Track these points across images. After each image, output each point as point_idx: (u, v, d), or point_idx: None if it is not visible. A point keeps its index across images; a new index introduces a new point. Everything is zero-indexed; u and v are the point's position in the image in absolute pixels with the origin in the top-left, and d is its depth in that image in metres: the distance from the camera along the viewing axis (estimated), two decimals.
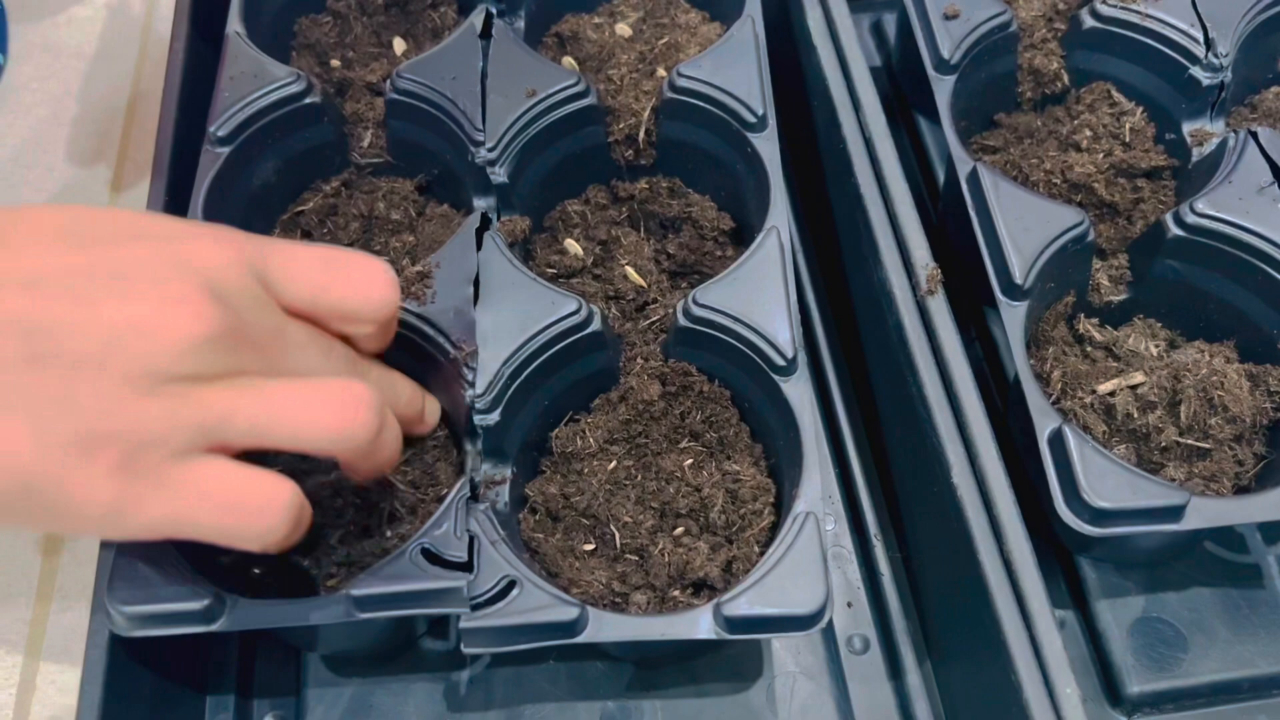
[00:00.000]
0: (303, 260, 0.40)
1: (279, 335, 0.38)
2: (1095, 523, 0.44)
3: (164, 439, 0.34)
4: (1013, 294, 0.50)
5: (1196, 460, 0.49)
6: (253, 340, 0.37)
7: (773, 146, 0.54)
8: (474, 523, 0.43)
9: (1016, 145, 0.60)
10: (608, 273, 0.56)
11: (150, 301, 0.35)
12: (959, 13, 0.58)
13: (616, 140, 0.58)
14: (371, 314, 0.41)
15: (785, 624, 0.42)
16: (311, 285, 0.40)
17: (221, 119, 0.53)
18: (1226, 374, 0.50)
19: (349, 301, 0.40)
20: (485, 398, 0.46)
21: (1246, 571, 0.51)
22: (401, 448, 0.42)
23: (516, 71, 0.55)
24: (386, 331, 0.44)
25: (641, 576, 0.46)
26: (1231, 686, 0.49)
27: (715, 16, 0.64)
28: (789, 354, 0.47)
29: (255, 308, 0.37)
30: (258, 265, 0.38)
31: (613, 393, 0.51)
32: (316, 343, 0.40)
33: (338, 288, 0.40)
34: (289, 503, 0.37)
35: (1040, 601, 0.44)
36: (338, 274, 0.40)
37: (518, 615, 0.41)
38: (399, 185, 0.57)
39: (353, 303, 0.41)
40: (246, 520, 0.36)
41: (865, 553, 0.55)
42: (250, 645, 0.50)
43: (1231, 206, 0.51)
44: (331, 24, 0.62)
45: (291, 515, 0.37)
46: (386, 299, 0.41)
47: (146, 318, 0.34)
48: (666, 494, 0.48)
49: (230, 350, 0.36)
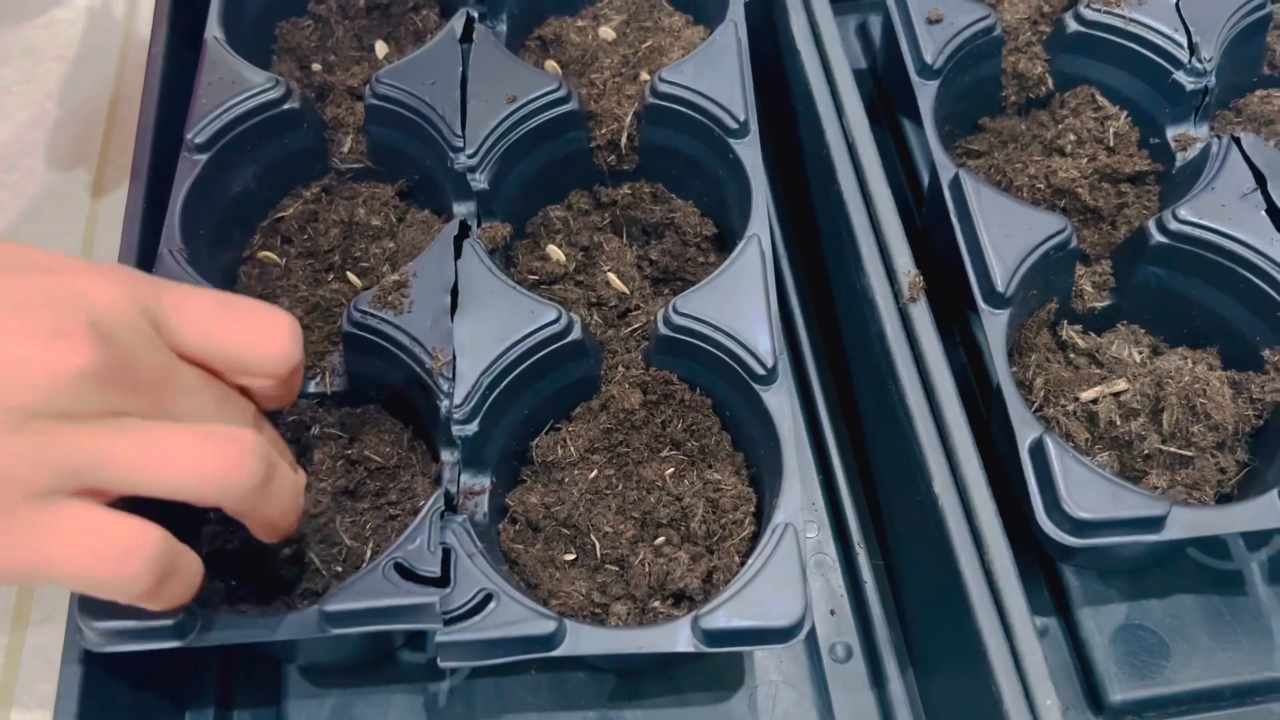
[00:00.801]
0: (198, 305, 0.38)
1: (167, 378, 0.36)
2: (1076, 533, 0.44)
3: (24, 479, 0.32)
4: (994, 302, 0.50)
5: (1179, 468, 0.49)
6: (137, 381, 0.35)
7: (755, 153, 0.54)
8: (451, 535, 0.43)
9: (1001, 150, 0.60)
10: (590, 279, 0.55)
11: (25, 334, 0.33)
12: (942, 17, 0.58)
13: (599, 145, 0.57)
14: (267, 368, 0.39)
15: (764, 636, 0.41)
16: (204, 331, 0.38)
17: (199, 126, 0.52)
18: (1209, 381, 0.50)
19: (242, 352, 0.38)
20: (464, 408, 0.46)
21: (1229, 578, 0.51)
22: (297, 499, 0.39)
23: (497, 76, 0.55)
24: (288, 387, 0.41)
25: (622, 587, 0.46)
26: (1214, 694, 0.49)
27: (699, 20, 0.63)
28: (769, 363, 0.47)
29: (142, 348, 0.35)
30: (150, 305, 0.36)
31: (594, 401, 0.51)
32: (210, 390, 0.38)
33: (231, 337, 0.38)
34: (152, 554, 0.34)
35: (1021, 612, 0.44)
36: (234, 322, 0.38)
37: (495, 629, 0.41)
38: (379, 191, 0.57)
39: (247, 354, 0.38)
40: (105, 570, 0.34)
41: (848, 560, 0.55)
42: (230, 657, 0.50)
43: (1214, 213, 0.51)
44: (312, 28, 0.62)
45: (155, 566, 0.34)
46: (284, 353, 0.39)
47: (18, 350, 0.32)
48: (647, 503, 0.48)
49: (110, 389, 0.34)
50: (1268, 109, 0.58)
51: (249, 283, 0.54)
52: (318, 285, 0.53)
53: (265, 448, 0.36)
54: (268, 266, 0.54)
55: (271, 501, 0.37)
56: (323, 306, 0.52)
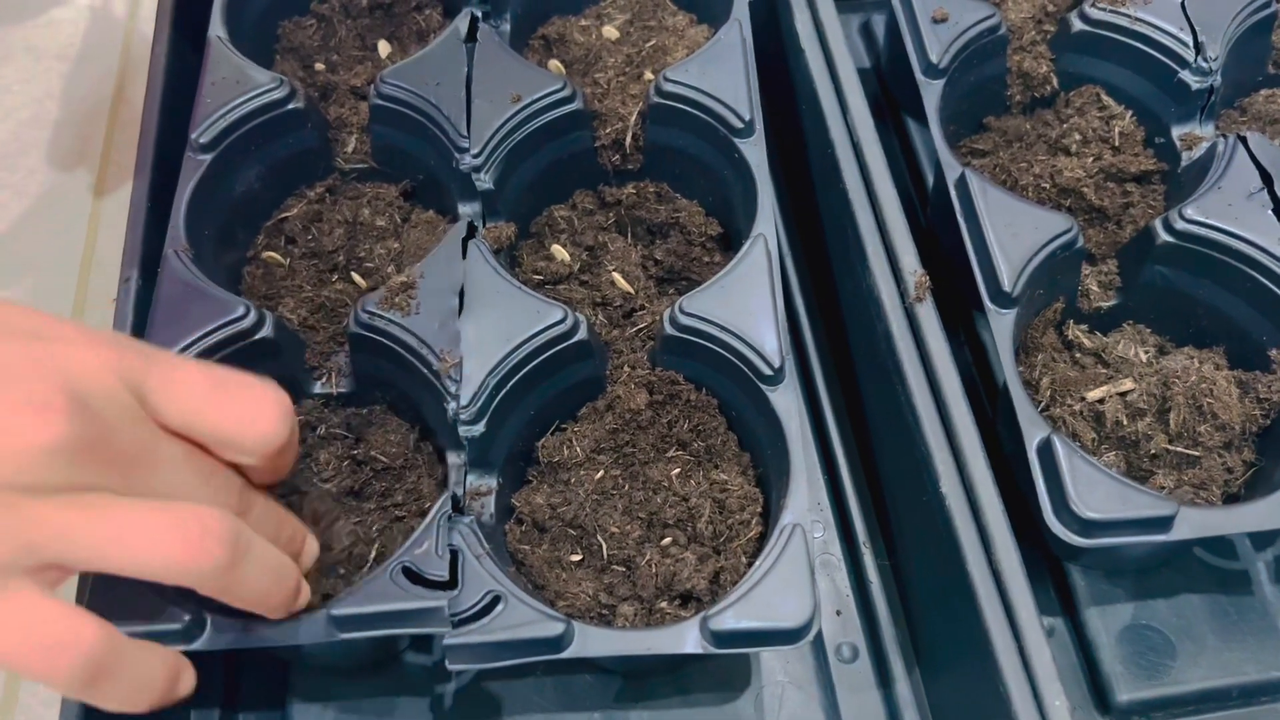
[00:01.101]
0: (186, 380, 0.36)
1: (146, 453, 0.35)
2: (1084, 534, 0.44)
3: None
4: (1001, 302, 0.50)
5: (1186, 468, 0.49)
6: (114, 455, 0.33)
7: (760, 152, 0.54)
8: (458, 536, 0.43)
9: (1006, 149, 0.60)
10: (595, 279, 0.55)
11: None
12: (947, 16, 0.58)
13: (603, 145, 0.57)
14: (253, 447, 0.37)
15: (772, 638, 0.41)
16: (191, 409, 0.36)
17: (203, 126, 0.52)
18: (1216, 381, 0.50)
19: (228, 431, 0.37)
20: (470, 409, 0.46)
21: (1235, 578, 0.51)
22: (282, 579, 0.38)
23: (502, 76, 0.55)
24: (277, 465, 0.39)
25: (629, 588, 0.46)
26: (1221, 694, 0.49)
27: (703, 19, 0.63)
28: (776, 363, 0.47)
29: (123, 421, 0.34)
30: (135, 377, 0.35)
31: (599, 401, 0.51)
32: (193, 465, 0.36)
33: (218, 415, 0.36)
34: (82, 655, 0.33)
35: (1029, 612, 0.44)
36: (222, 400, 0.37)
37: (502, 631, 0.41)
38: (384, 191, 0.56)
39: (233, 433, 0.37)
40: (33, 663, 0.33)
41: (854, 560, 0.55)
42: (236, 658, 0.50)
43: (1220, 212, 0.51)
44: (315, 27, 0.61)
45: (84, 668, 0.33)
46: (271, 433, 0.37)
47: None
48: (654, 504, 0.48)
49: (84, 463, 0.32)
50: (1273, 108, 0.58)
51: (253, 283, 0.54)
52: (322, 285, 0.53)
53: (234, 531, 0.35)
54: (272, 267, 0.54)
55: (243, 584, 0.36)
56: (327, 307, 0.52)
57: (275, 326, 0.48)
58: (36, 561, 0.32)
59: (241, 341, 0.47)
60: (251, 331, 0.47)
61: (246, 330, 0.47)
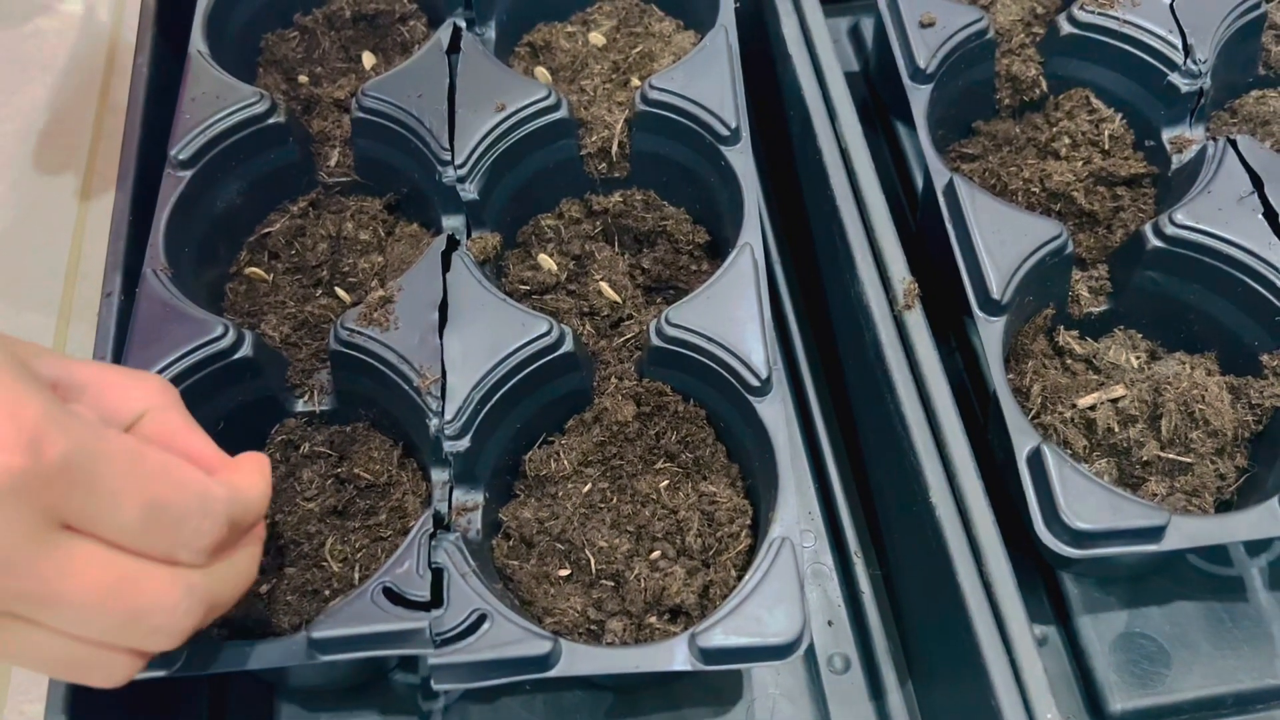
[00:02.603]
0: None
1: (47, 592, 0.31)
2: (1075, 544, 0.44)
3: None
4: (990, 309, 0.49)
5: (1178, 474, 0.49)
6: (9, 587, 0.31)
7: (746, 160, 0.53)
8: (443, 554, 0.43)
9: (995, 153, 0.59)
10: (582, 288, 0.55)
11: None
12: (934, 20, 0.57)
13: (590, 153, 0.57)
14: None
15: (761, 654, 0.41)
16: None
17: (183, 142, 0.52)
18: (1208, 387, 0.49)
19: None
20: (455, 423, 0.45)
21: (1229, 584, 0.51)
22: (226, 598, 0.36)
23: (486, 85, 0.55)
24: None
25: (617, 603, 0.46)
26: (1215, 702, 0.49)
27: (689, 25, 0.63)
28: (763, 374, 0.47)
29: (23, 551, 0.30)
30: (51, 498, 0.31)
31: (586, 413, 0.50)
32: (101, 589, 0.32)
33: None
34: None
35: (1020, 624, 0.43)
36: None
37: (489, 650, 0.40)
38: (367, 204, 0.56)
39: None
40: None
41: (845, 570, 0.54)
42: (221, 681, 0.50)
43: (1211, 217, 0.51)
44: (299, 39, 0.61)
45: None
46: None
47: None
48: (642, 517, 0.48)
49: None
50: (1263, 110, 0.57)
51: (236, 299, 0.53)
52: (305, 301, 0.53)
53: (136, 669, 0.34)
54: (255, 283, 0.54)
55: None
56: (310, 323, 0.51)
57: (255, 345, 0.47)
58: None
59: (220, 362, 0.46)
60: (230, 351, 0.46)
61: (225, 350, 0.46)
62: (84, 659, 0.33)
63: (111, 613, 0.32)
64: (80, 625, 0.32)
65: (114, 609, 0.32)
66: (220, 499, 0.35)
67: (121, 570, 0.32)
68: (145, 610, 0.33)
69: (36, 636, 0.32)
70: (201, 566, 0.35)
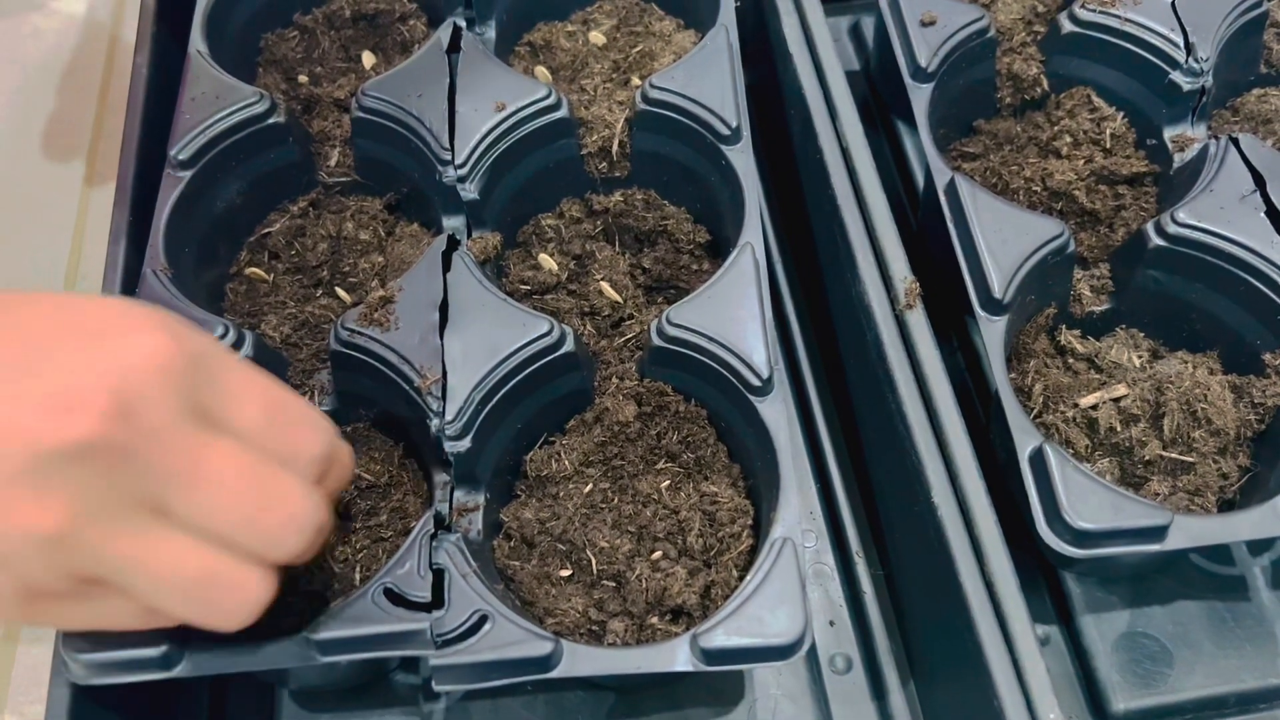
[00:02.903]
0: (246, 396, 0.35)
1: (190, 468, 0.33)
2: (1078, 544, 0.44)
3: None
4: (992, 309, 0.49)
5: (1181, 474, 0.49)
6: (153, 466, 0.32)
7: (747, 159, 0.53)
8: (444, 555, 0.43)
9: (996, 152, 0.59)
10: (583, 288, 0.55)
11: (27, 398, 0.31)
12: (935, 19, 0.57)
13: (590, 153, 0.57)
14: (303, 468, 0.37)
15: (763, 654, 0.41)
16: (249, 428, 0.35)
17: (182, 142, 0.51)
18: (1210, 386, 0.49)
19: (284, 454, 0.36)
20: (455, 424, 0.45)
21: (1232, 584, 0.51)
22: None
23: (486, 85, 0.54)
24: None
25: (619, 603, 0.46)
26: (1218, 702, 0.49)
27: (690, 24, 0.63)
28: (764, 374, 0.46)
29: (171, 430, 0.32)
30: (195, 381, 0.33)
31: (588, 413, 0.50)
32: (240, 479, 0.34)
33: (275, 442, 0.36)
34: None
35: (1023, 624, 0.43)
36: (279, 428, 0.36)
37: (490, 651, 0.40)
38: (368, 204, 0.56)
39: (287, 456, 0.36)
40: None
41: (847, 570, 0.54)
42: (222, 682, 0.49)
43: (1213, 216, 0.50)
44: (298, 39, 0.61)
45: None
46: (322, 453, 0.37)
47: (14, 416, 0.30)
48: (643, 517, 0.47)
49: (118, 469, 0.31)
50: (1265, 108, 0.57)
51: (236, 299, 0.53)
52: (306, 301, 0.53)
53: (263, 596, 0.35)
54: (255, 283, 0.54)
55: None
56: (311, 323, 0.51)
57: (255, 346, 0.47)
58: (70, 577, 0.32)
59: None
60: None
61: None
62: (217, 573, 0.34)
63: (246, 501, 0.34)
64: (217, 515, 0.33)
65: (248, 496, 0.34)
66: (328, 422, 0.38)
67: (254, 460, 0.34)
68: (277, 500, 0.35)
69: (174, 543, 0.33)
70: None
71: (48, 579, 0.32)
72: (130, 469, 0.32)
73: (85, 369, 0.32)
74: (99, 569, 0.32)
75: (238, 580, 0.34)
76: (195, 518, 0.33)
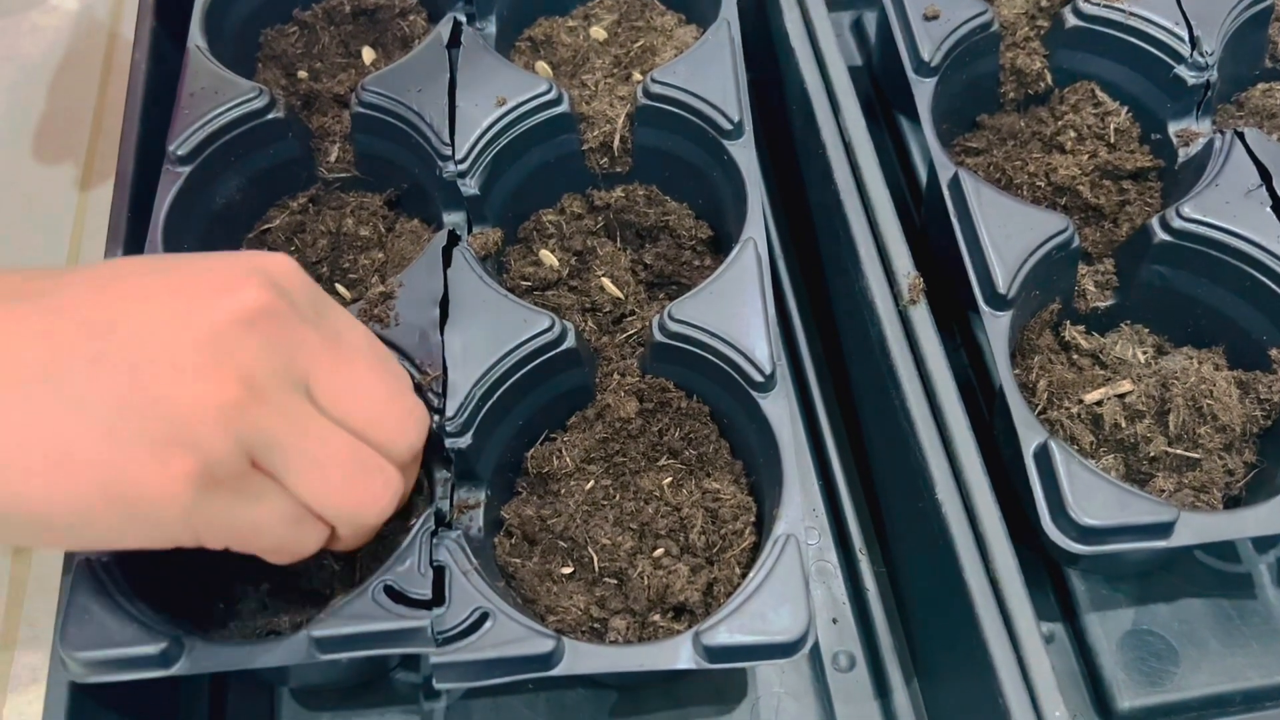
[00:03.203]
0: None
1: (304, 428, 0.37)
2: (1083, 540, 0.43)
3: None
4: (996, 304, 0.49)
5: (1186, 470, 0.48)
6: (298, 346, 0.36)
7: (749, 154, 0.53)
8: (445, 552, 0.42)
9: (1000, 147, 0.59)
10: (584, 284, 0.54)
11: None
12: (939, 13, 0.57)
13: (591, 148, 0.56)
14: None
15: (766, 652, 0.41)
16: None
17: (181, 138, 0.51)
18: (1215, 382, 0.49)
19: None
20: (456, 420, 0.45)
21: (1238, 581, 0.51)
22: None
23: (486, 80, 0.54)
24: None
25: (621, 601, 0.45)
26: (1223, 700, 0.48)
27: (692, 19, 0.62)
28: (767, 370, 0.46)
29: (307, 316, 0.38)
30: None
31: (589, 410, 0.50)
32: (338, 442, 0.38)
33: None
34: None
35: (1028, 622, 0.43)
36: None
37: (491, 649, 0.40)
38: (368, 200, 0.56)
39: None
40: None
41: (850, 567, 0.54)
42: (222, 680, 0.49)
43: (1218, 210, 0.50)
44: (298, 34, 0.61)
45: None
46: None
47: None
48: (645, 514, 0.47)
49: (276, 343, 0.35)
50: (1271, 102, 0.57)
51: None
52: None
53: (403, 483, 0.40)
54: None
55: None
56: None
57: None
58: (245, 455, 0.34)
59: None
60: None
61: None
62: (364, 454, 0.38)
63: (377, 394, 0.39)
64: (355, 400, 0.38)
65: (379, 390, 0.39)
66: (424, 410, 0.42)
67: (347, 437, 0.37)
68: (399, 395, 0.40)
69: (324, 423, 0.37)
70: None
71: (228, 457, 0.34)
72: (286, 341, 0.36)
73: (238, 263, 0.36)
74: (270, 442, 0.35)
75: (379, 463, 0.38)
76: (335, 402, 0.37)
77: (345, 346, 0.38)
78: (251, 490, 0.35)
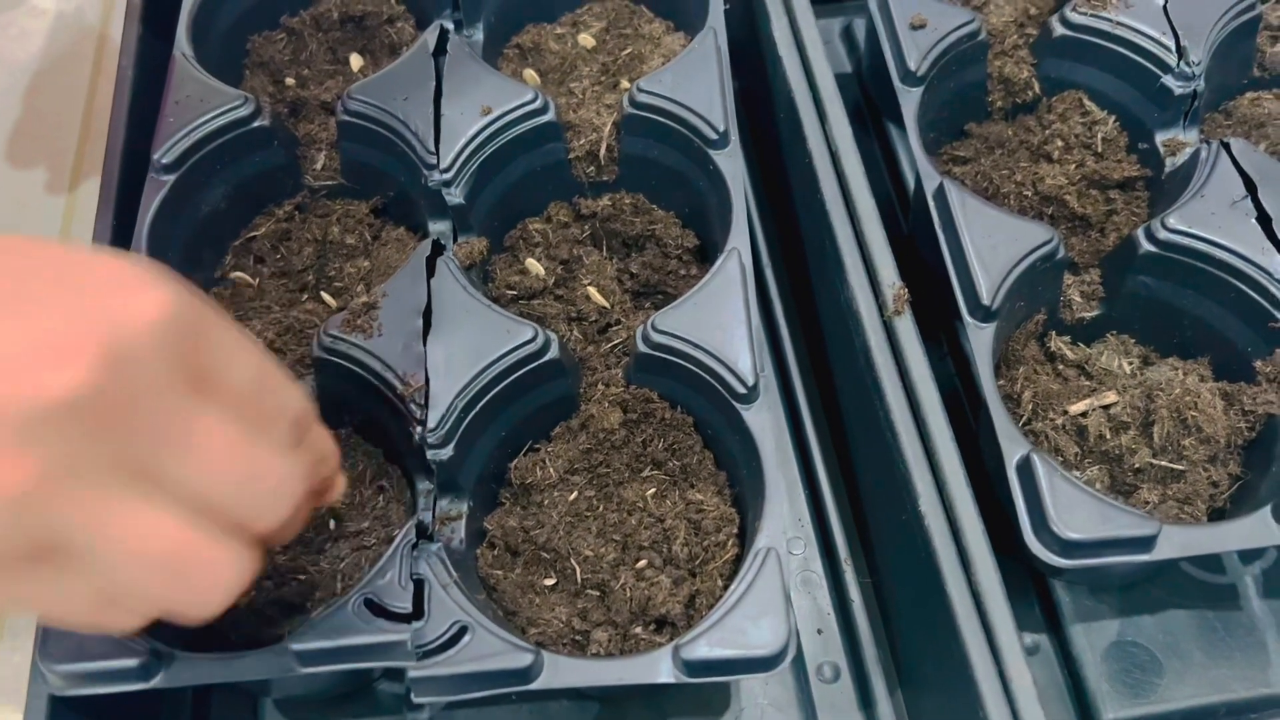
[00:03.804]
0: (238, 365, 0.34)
1: (180, 431, 0.31)
2: (1065, 554, 0.43)
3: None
4: (980, 315, 0.49)
5: (1170, 482, 0.48)
6: (141, 425, 0.30)
7: (735, 163, 0.53)
8: (425, 565, 0.42)
9: (987, 155, 0.59)
10: (570, 293, 0.54)
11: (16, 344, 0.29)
12: (926, 22, 0.57)
13: (578, 156, 0.56)
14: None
15: (745, 666, 0.41)
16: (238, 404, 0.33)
17: (166, 146, 0.51)
18: (1200, 393, 0.49)
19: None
20: (438, 431, 0.45)
21: (1222, 593, 0.50)
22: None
23: (472, 88, 0.54)
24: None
25: (603, 613, 0.45)
26: (1208, 712, 0.48)
27: (679, 26, 0.62)
28: (750, 381, 0.46)
29: (160, 389, 0.31)
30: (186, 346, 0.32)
31: (573, 420, 0.50)
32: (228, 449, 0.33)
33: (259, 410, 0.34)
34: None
35: (1009, 634, 0.43)
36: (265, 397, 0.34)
37: (469, 663, 0.40)
38: (354, 208, 0.55)
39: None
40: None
41: (836, 578, 0.54)
42: (205, 691, 0.49)
43: (1204, 221, 0.50)
44: (285, 41, 0.60)
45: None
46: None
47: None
48: (628, 525, 0.47)
49: (104, 426, 0.29)
50: (1258, 112, 0.57)
51: (221, 304, 0.53)
52: (291, 306, 0.52)
53: (239, 578, 0.33)
54: (240, 287, 0.53)
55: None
56: (295, 328, 0.51)
57: None
58: (30, 540, 0.29)
59: None
60: None
61: None
62: (193, 547, 0.31)
63: (235, 467, 0.32)
64: (204, 479, 0.32)
65: (237, 462, 0.32)
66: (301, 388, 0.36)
67: (242, 427, 0.32)
68: (263, 467, 0.33)
69: (149, 513, 0.31)
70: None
71: (9, 545, 0.29)
72: (115, 428, 0.30)
73: (77, 318, 0.30)
74: (64, 536, 0.30)
75: (214, 556, 0.32)
76: (180, 483, 0.32)
77: (205, 415, 0.32)
78: (47, 570, 0.30)
